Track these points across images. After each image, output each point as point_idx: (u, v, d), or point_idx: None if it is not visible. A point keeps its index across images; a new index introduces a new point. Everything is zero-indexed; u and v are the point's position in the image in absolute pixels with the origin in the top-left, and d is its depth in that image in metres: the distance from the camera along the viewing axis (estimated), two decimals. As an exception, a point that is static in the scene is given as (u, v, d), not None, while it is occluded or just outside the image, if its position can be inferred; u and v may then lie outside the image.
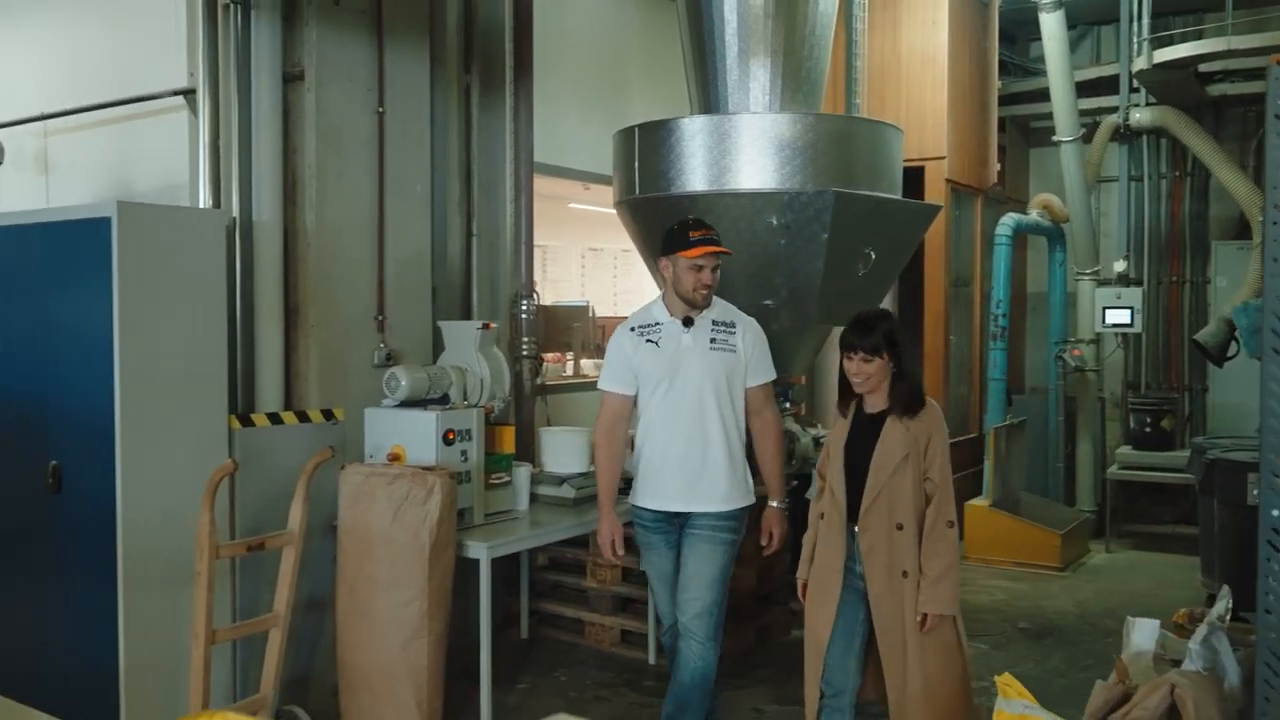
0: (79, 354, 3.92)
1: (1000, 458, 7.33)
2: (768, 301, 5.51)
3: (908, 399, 3.41)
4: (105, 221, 3.78)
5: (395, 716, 3.92)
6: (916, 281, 8.02)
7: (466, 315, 5.49)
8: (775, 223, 5.35)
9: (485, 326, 4.71)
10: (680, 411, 3.68)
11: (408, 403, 4.37)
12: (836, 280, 5.47)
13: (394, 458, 4.27)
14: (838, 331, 3.68)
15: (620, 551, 3.83)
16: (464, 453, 4.32)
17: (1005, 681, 2.78)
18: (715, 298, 3.81)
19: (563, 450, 4.98)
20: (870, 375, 3.40)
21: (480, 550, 4.14)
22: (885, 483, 3.33)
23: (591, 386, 7.07)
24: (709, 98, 5.80)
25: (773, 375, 3.86)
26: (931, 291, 8.00)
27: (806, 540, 3.60)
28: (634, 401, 3.80)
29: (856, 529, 3.40)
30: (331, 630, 4.20)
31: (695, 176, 5.43)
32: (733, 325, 3.79)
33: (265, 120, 4.38)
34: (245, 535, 4.06)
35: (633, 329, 3.80)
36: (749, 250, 5.42)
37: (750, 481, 3.79)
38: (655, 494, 3.74)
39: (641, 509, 3.78)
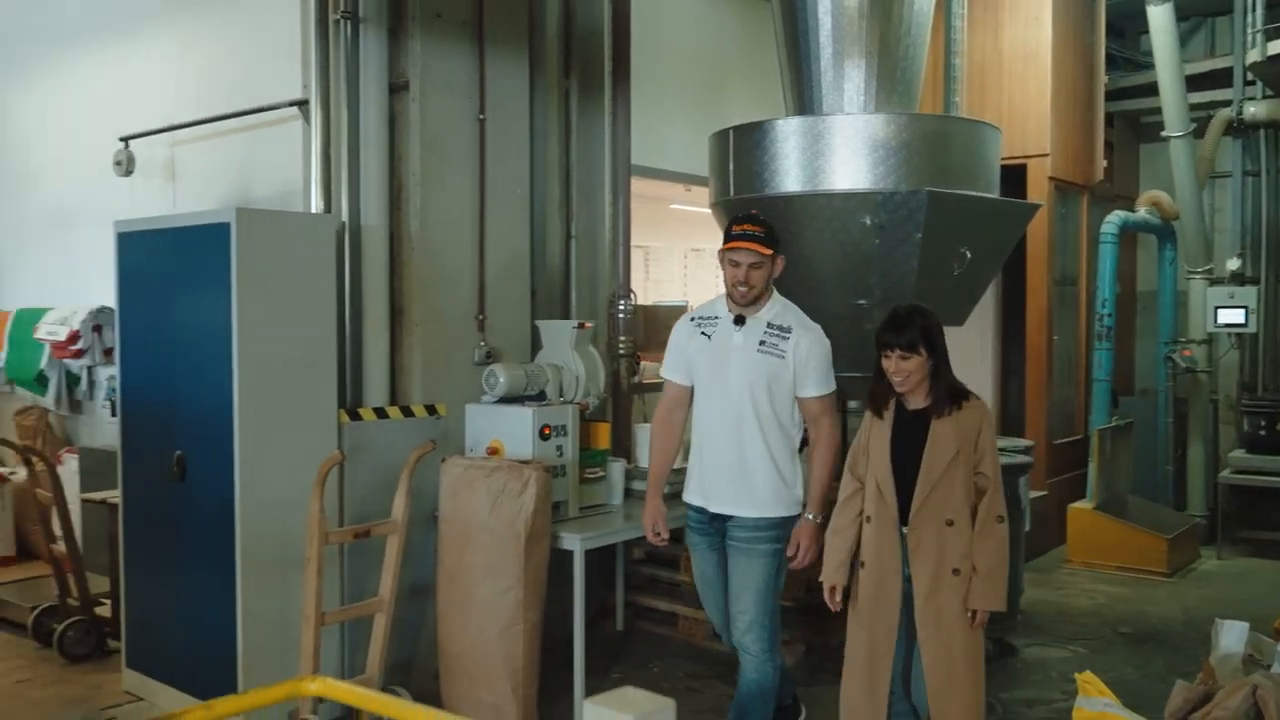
0: (202, 350, 4.18)
1: (1105, 460, 7.19)
2: (861, 301, 5.53)
3: (950, 394, 3.36)
4: (225, 226, 4.03)
5: (492, 701, 4.08)
6: (1020, 280, 7.93)
7: (565, 315, 5.64)
8: (869, 223, 5.37)
9: (581, 325, 4.85)
10: (722, 410, 3.62)
11: (506, 399, 4.54)
12: (931, 280, 5.46)
13: (493, 451, 4.44)
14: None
15: (663, 535, 3.85)
16: (559, 448, 4.47)
17: (1086, 679, 2.80)
18: (783, 300, 3.74)
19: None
20: (910, 373, 3.34)
21: (574, 542, 4.27)
22: (937, 481, 3.29)
23: (689, 385, 7.19)
24: (804, 99, 5.85)
25: (830, 388, 3.68)
26: (1034, 290, 7.89)
27: (837, 546, 3.49)
28: (692, 392, 3.78)
29: (905, 529, 3.35)
30: (433, 616, 4.39)
31: (789, 177, 5.48)
32: (787, 330, 3.65)
33: (373, 129, 4.60)
34: (353, 523, 4.27)
35: (693, 319, 3.79)
36: (842, 250, 5.46)
37: (801, 493, 3.69)
38: (696, 490, 3.74)
39: (688, 504, 3.80)
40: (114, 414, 5.20)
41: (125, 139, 5.91)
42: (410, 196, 4.66)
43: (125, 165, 5.91)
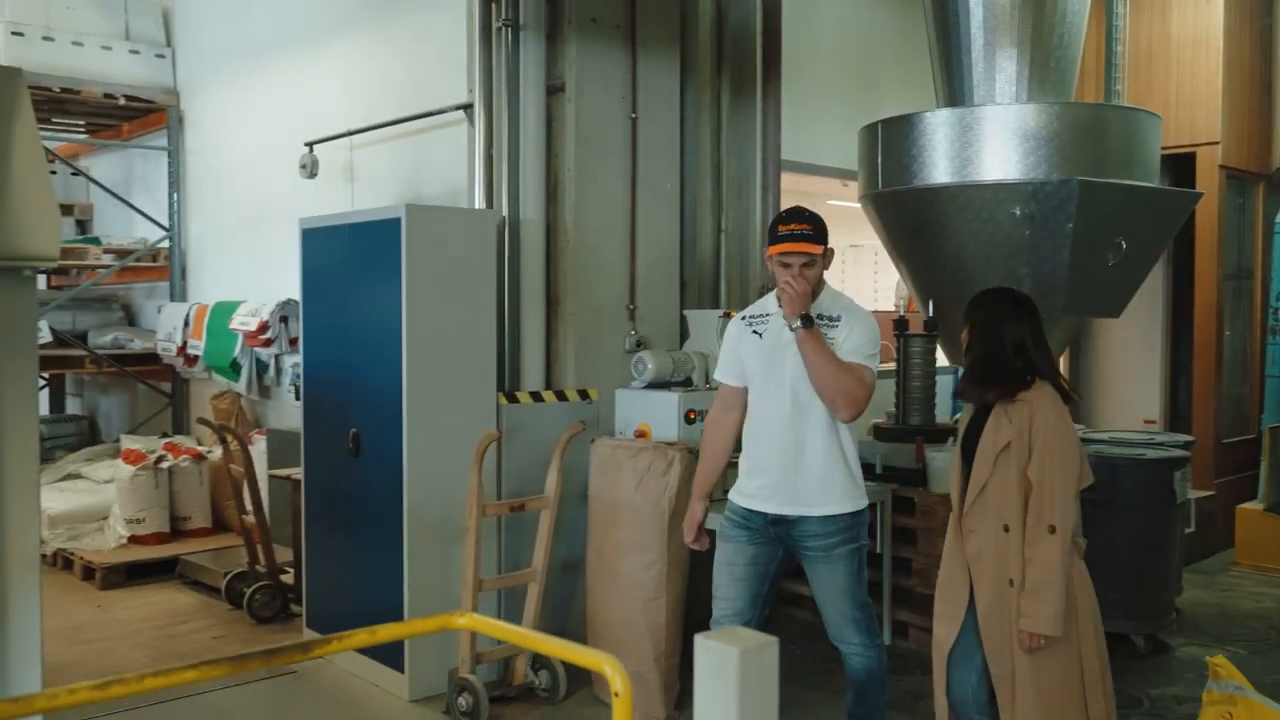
0: (375, 336, 4.54)
1: (1277, 459, 6.90)
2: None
3: (1000, 378, 3.17)
4: (396, 221, 4.37)
5: (635, 669, 4.29)
6: (1190, 272, 7.67)
7: (715, 305, 5.81)
8: (1018, 213, 5.35)
9: (726, 315, 5.01)
10: (774, 409, 3.47)
11: (654, 384, 4.74)
12: (1084, 270, 5.40)
13: (640, 434, 4.66)
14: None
15: (702, 543, 3.73)
16: (704, 431, 4.64)
17: (1218, 663, 2.79)
18: (833, 290, 3.60)
19: (800, 434, 5.21)
20: (964, 344, 3.32)
21: (716, 521, 4.44)
22: (988, 477, 3.12)
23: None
24: (954, 91, 5.85)
25: (864, 359, 3.42)
26: (1203, 282, 7.61)
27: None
28: (745, 394, 3.60)
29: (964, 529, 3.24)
30: (582, 589, 4.63)
31: (938, 169, 5.50)
32: (837, 319, 3.49)
33: (531, 129, 4.87)
34: (509, 498, 4.56)
35: (744, 318, 3.66)
36: (991, 241, 5.45)
37: (862, 483, 3.53)
38: (743, 490, 3.59)
39: (731, 502, 3.64)
40: (298, 398, 5.67)
41: (310, 144, 6.40)
42: (565, 192, 4.93)
43: (310, 168, 6.40)
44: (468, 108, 5.15)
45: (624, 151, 5.07)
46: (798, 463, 3.44)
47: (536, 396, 4.82)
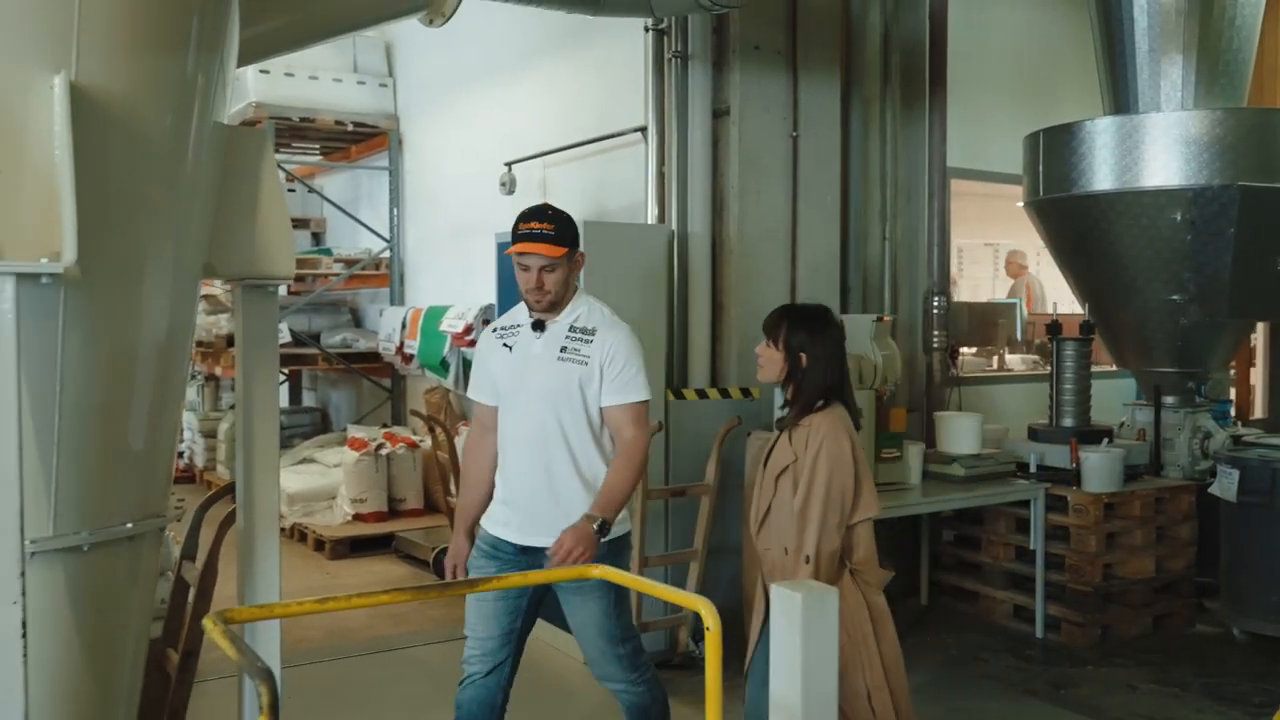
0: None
1: None
2: (1175, 297, 5.61)
3: (804, 408, 3.20)
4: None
5: (787, 644, 4.68)
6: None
7: (881, 310, 6.10)
8: (1179, 219, 5.44)
9: (879, 319, 5.32)
10: (522, 429, 3.22)
11: (809, 384, 5.11)
12: (1247, 275, 5.44)
13: (795, 430, 5.04)
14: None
15: (460, 576, 3.32)
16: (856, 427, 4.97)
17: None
18: (589, 299, 3.33)
19: (955, 432, 5.47)
20: (764, 364, 3.29)
21: (864, 511, 4.77)
22: (770, 499, 3.21)
23: (1013, 380, 7.37)
24: (1120, 97, 5.96)
25: (639, 396, 3.20)
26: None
27: None
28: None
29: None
30: (738, 570, 5.05)
31: (1099, 176, 5.64)
32: (591, 333, 3.22)
33: (698, 149, 5.34)
34: (675, 485, 5.03)
35: (495, 330, 3.36)
36: (1153, 247, 5.56)
37: (626, 515, 3.28)
38: (493, 517, 3.29)
39: (481, 529, 3.32)
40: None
41: (509, 163, 7.08)
42: (730, 207, 5.36)
43: (509, 185, 7.09)
44: (644, 130, 5.66)
45: (785, 168, 5.46)
46: (546, 487, 3.17)
47: (701, 394, 5.28)
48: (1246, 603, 5.18)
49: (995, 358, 8.03)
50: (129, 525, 2.61)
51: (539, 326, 3.24)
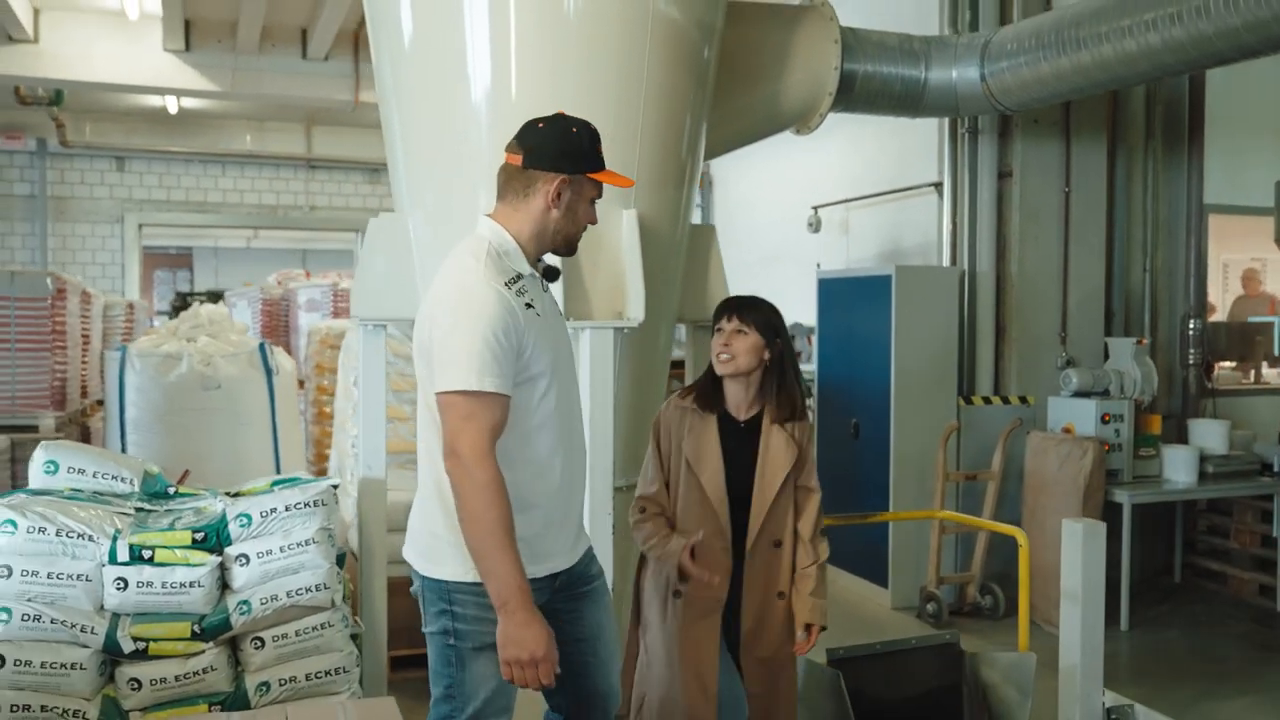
0: (871, 354, 6.55)
1: None
2: None
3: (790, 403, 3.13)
4: (888, 278, 6.37)
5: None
6: None
7: (1142, 332, 7.17)
8: None
9: (1139, 342, 6.45)
10: (576, 421, 2.67)
11: (1078, 394, 6.32)
12: None
13: (1066, 430, 6.27)
14: None
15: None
16: (1117, 430, 6.16)
17: None
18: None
19: (1205, 436, 6.53)
20: (738, 353, 3.06)
21: (1124, 496, 5.98)
22: (772, 500, 3.09)
23: (1268, 392, 8.19)
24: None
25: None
26: None
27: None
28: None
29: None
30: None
31: (1341, 218, 6.52)
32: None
33: (985, 205, 6.64)
34: (965, 470, 6.38)
35: (508, 283, 2.44)
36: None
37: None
38: (557, 550, 2.61)
39: (536, 580, 2.47)
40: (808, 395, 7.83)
41: (815, 207, 8.58)
42: (1011, 251, 6.64)
43: (814, 225, 8.59)
44: (937, 185, 7.02)
45: (1058, 217, 6.68)
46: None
47: (987, 400, 6.59)
48: None
49: (1252, 371, 8.81)
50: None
51: (552, 275, 2.65)
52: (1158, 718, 3.64)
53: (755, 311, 3.11)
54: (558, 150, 2.51)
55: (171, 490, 4.07)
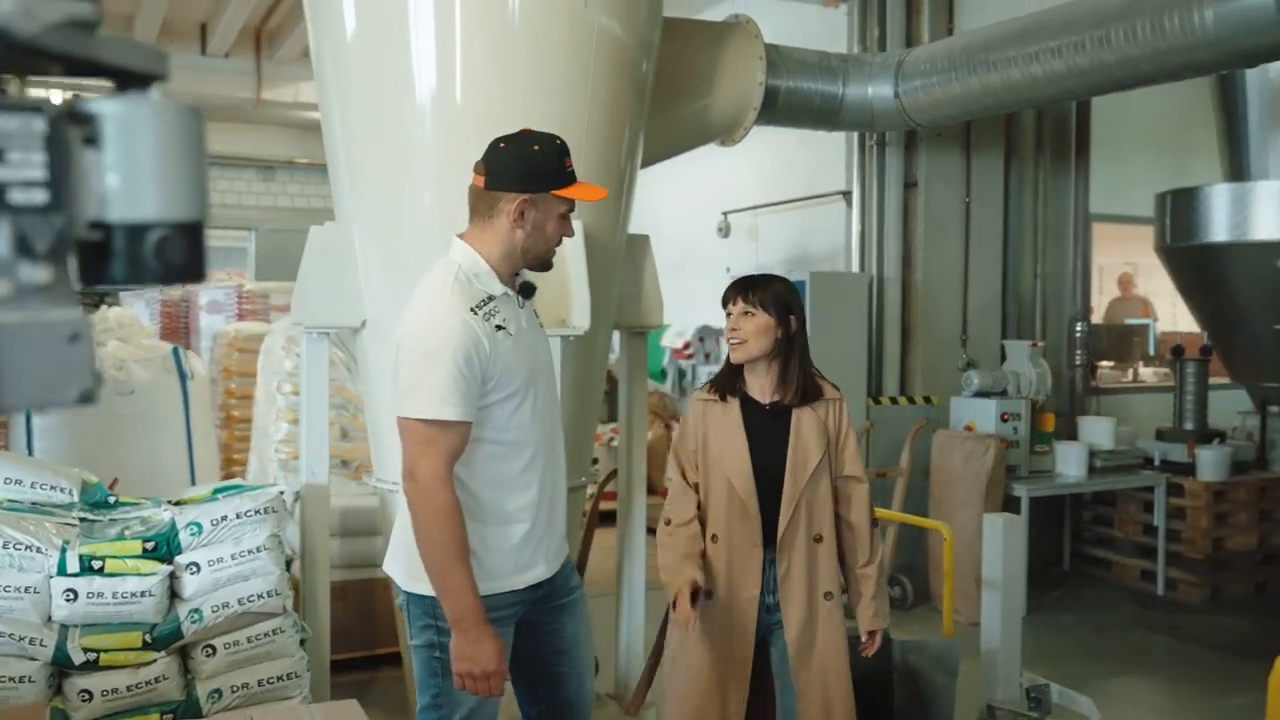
0: (785, 358, 6.79)
1: None
2: (1278, 326, 6.97)
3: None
4: (802, 283, 6.61)
5: (965, 590, 6.25)
6: None
7: (1033, 335, 7.59)
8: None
9: (1034, 344, 6.84)
10: (550, 432, 2.69)
11: (978, 394, 6.67)
12: (1341, 308, 6.76)
13: (968, 428, 6.62)
14: None
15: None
16: (1015, 428, 6.53)
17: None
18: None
19: (1094, 432, 6.96)
20: (749, 335, 2.91)
21: (1022, 490, 6.35)
22: (804, 488, 2.87)
23: (1145, 390, 8.72)
24: (1235, 162, 7.32)
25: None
26: None
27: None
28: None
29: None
30: (925, 534, 6.66)
31: (1215, 230, 7.02)
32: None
33: (892, 213, 6.95)
34: (874, 468, 6.67)
35: (474, 310, 2.46)
36: (1259, 286, 6.94)
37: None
38: (538, 560, 2.65)
39: (516, 591, 2.60)
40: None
41: (725, 212, 8.82)
42: (917, 257, 6.97)
43: (724, 230, 8.82)
44: (846, 194, 7.31)
45: (960, 226, 7.04)
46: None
47: (894, 400, 6.90)
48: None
49: (1131, 371, 9.40)
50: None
51: (528, 292, 2.68)
52: (1071, 694, 3.95)
53: (762, 290, 2.93)
54: (520, 171, 2.53)
55: (112, 500, 4.04)
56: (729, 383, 2.99)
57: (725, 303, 2.99)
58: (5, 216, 0.64)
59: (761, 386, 2.96)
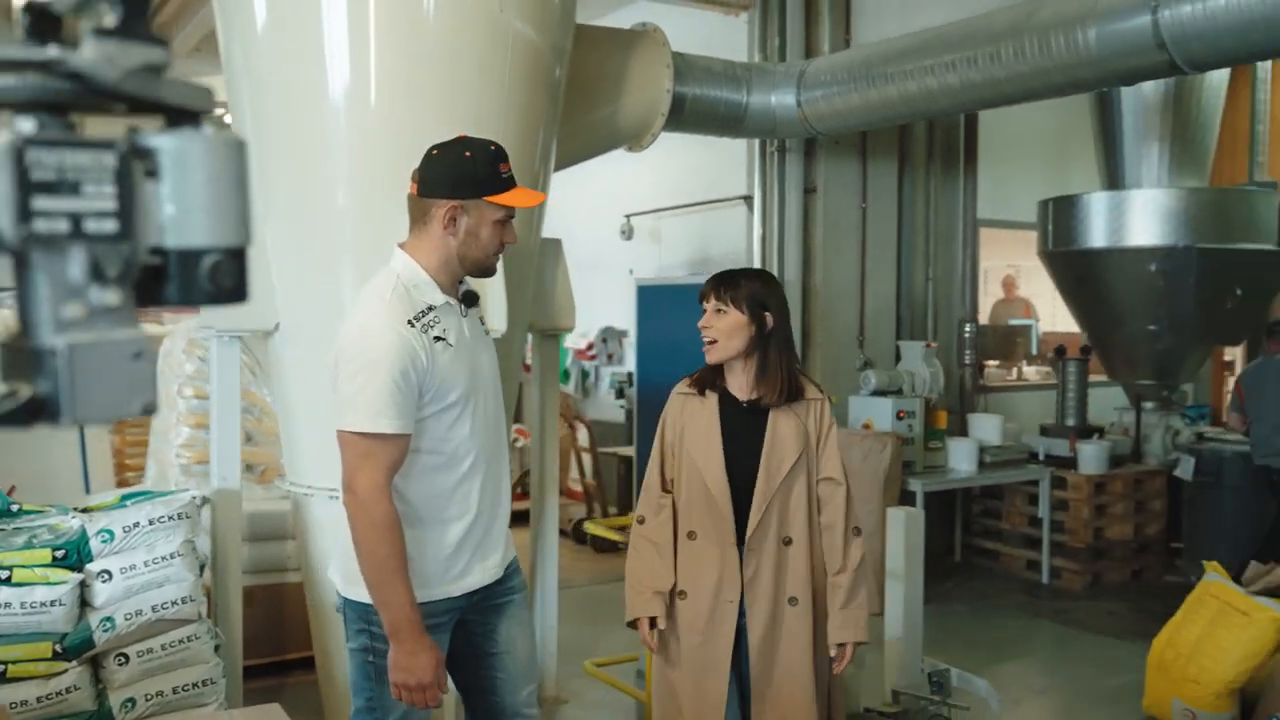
0: (688, 356, 6.87)
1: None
2: (1151, 327, 7.39)
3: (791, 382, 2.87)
4: (696, 287, 6.74)
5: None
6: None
7: (924, 335, 7.88)
8: (1154, 270, 7.21)
9: (928, 345, 7.12)
10: (498, 442, 2.74)
11: (876, 393, 6.91)
12: (1209, 312, 7.21)
13: (866, 426, 6.85)
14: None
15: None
16: (910, 425, 6.79)
17: (1212, 566, 4.73)
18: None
19: (983, 429, 7.27)
20: (720, 333, 2.90)
21: (918, 485, 6.60)
22: (777, 489, 2.80)
23: (1029, 388, 9.11)
24: (1111, 172, 7.72)
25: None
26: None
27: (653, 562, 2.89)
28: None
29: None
30: (826, 529, 6.86)
31: (1094, 236, 7.41)
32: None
33: (792, 218, 7.15)
34: (777, 467, 6.85)
35: (410, 323, 2.45)
36: (1135, 290, 7.35)
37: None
38: (475, 569, 2.65)
39: (453, 599, 2.62)
40: (618, 397, 8.15)
41: (628, 215, 8.92)
42: (816, 261, 7.18)
43: (627, 232, 8.92)
44: (747, 198, 7.48)
45: (857, 231, 7.28)
46: (505, 498, 2.77)
47: (795, 399, 7.09)
48: (1200, 558, 6.92)
49: (1015, 370, 9.81)
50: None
51: (471, 300, 2.66)
52: (969, 677, 4.15)
53: (734, 287, 2.87)
54: (450, 178, 2.51)
55: (15, 508, 3.94)
56: (709, 377, 2.95)
57: (701, 299, 2.96)
58: (81, 244, 0.69)
59: (740, 384, 2.91)
